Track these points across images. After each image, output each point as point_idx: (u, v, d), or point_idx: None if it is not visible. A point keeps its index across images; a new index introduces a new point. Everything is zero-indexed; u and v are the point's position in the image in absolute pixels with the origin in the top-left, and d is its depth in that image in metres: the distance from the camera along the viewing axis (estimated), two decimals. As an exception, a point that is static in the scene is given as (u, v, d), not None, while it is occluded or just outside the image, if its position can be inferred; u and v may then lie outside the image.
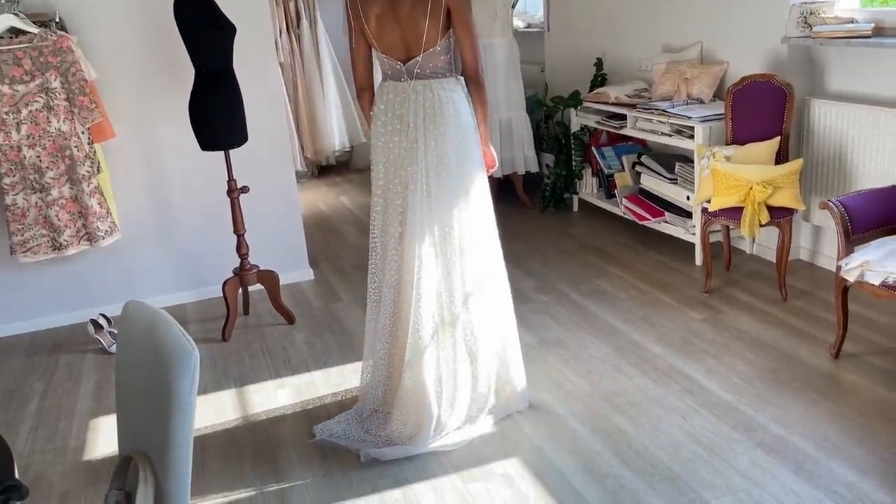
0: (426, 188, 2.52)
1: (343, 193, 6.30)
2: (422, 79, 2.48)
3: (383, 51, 2.49)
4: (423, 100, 2.48)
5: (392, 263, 2.60)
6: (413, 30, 2.41)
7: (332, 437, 2.67)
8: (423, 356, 2.56)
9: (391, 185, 2.58)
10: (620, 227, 4.72)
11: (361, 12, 2.45)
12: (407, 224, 2.54)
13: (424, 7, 2.37)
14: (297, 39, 6.43)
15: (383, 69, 2.56)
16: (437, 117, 2.47)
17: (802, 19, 3.53)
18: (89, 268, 3.87)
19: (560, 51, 5.70)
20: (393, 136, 2.53)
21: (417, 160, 2.49)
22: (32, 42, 3.28)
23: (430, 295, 2.56)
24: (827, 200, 2.88)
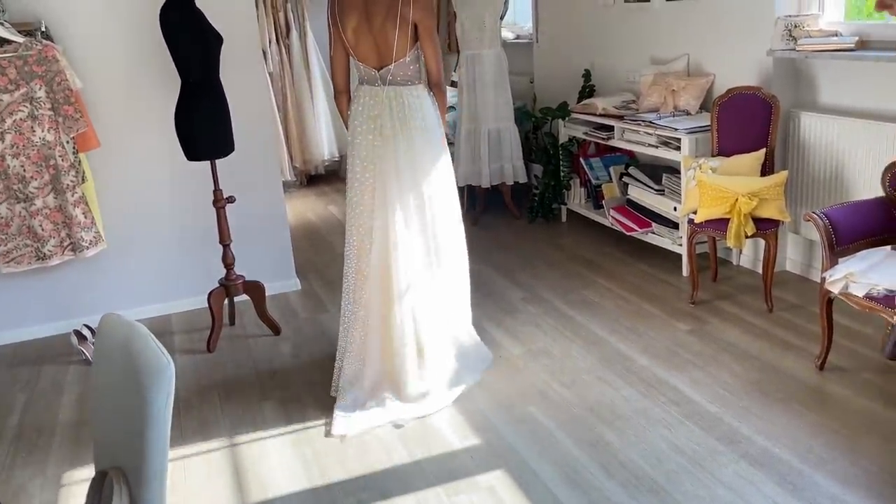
0: (397, 180, 2.82)
1: (331, 203, 6.29)
2: (393, 85, 2.77)
3: (360, 59, 2.78)
4: (395, 104, 2.78)
5: (364, 242, 2.91)
6: (384, 41, 2.69)
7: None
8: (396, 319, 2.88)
9: (364, 177, 2.87)
10: (608, 237, 4.73)
11: (340, 23, 2.72)
12: (378, 209, 2.84)
13: (394, 22, 2.64)
14: (287, 49, 6.43)
15: (360, 75, 2.84)
16: (406, 119, 2.78)
17: (787, 32, 3.56)
18: (73, 278, 3.84)
19: (548, 62, 5.72)
20: (367, 135, 2.82)
21: (389, 157, 2.80)
22: (17, 51, 3.26)
23: (405, 262, 2.86)
24: (811, 213, 2.90)
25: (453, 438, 2.73)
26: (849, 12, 3.66)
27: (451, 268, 3.03)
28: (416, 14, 2.66)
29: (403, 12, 2.63)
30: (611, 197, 4.66)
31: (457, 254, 3.06)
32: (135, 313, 3.94)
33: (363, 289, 2.93)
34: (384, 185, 2.82)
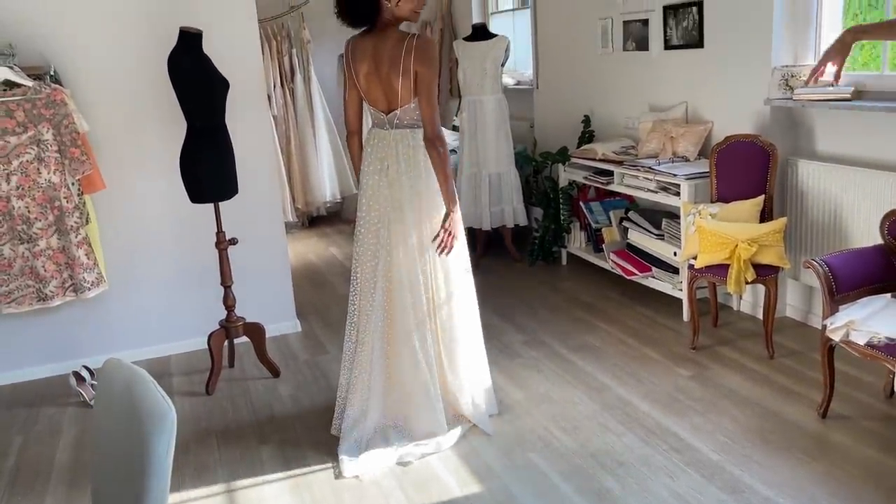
0: (401, 221, 2.87)
1: (333, 244, 6.31)
2: (400, 128, 2.86)
3: (371, 103, 2.90)
4: (401, 146, 2.86)
5: (368, 281, 2.94)
6: (390, 88, 2.79)
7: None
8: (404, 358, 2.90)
9: (370, 217, 2.93)
10: (608, 281, 4.74)
11: (353, 68, 2.86)
12: (382, 248, 2.89)
13: (397, 71, 2.74)
14: (291, 93, 6.52)
15: (372, 118, 2.95)
16: (411, 161, 2.85)
17: (784, 82, 3.62)
18: (73, 319, 3.84)
19: (548, 107, 5.80)
20: (374, 176, 2.90)
21: (394, 197, 2.87)
22: (26, 95, 3.31)
23: (409, 302, 2.88)
24: (811, 260, 2.91)
25: (453, 485, 2.70)
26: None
27: (459, 309, 3.02)
28: (417, 65, 2.73)
29: (405, 62, 2.72)
30: (611, 241, 4.69)
31: (465, 297, 3.03)
32: (134, 354, 3.93)
33: (366, 329, 2.94)
34: (389, 226, 2.88)
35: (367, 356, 2.94)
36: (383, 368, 2.94)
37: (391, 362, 2.94)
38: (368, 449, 2.88)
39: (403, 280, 2.88)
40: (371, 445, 2.89)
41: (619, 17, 4.79)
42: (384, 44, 2.76)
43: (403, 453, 2.88)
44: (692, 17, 4.16)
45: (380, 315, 2.91)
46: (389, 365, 2.94)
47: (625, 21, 4.73)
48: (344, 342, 3.06)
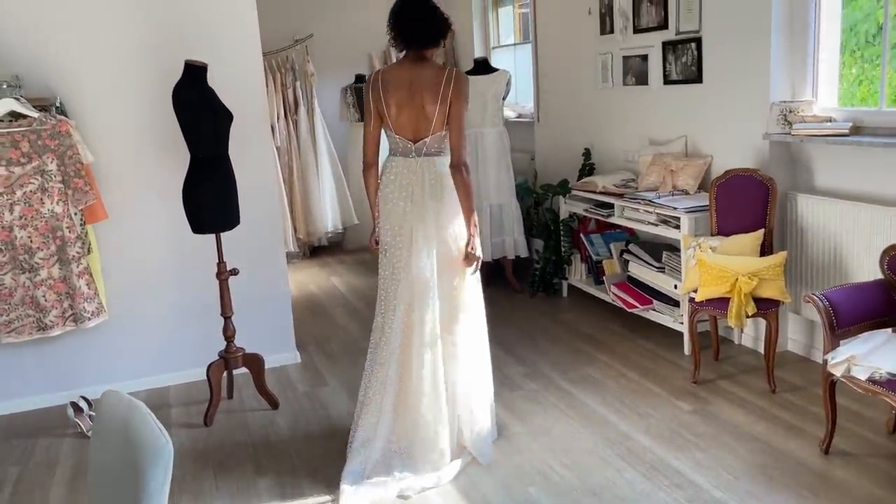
0: (426, 244, 2.95)
1: (334, 275, 6.32)
2: (427, 156, 2.95)
3: (397, 132, 2.95)
4: (427, 173, 2.95)
5: (391, 303, 3.00)
6: (425, 117, 2.90)
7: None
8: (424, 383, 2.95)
9: (396, 241, 2.99)
10: (609, 313, 4.73)
11: (383, 99, 2.92)
12: (403, 270, 2.95)
13: (435, 100, 2.87)
14: (294, 124, 6.59)
15: (393, 147, 3.01)
16: (437, 187, 2.95)
17: (783, 117, 3.65)
18: (73, 348, 3.83)
19: (549, 140, 5.85)
20: (398, 202, 2.97)
21: (419, 221, 2.95)
22: (32, 126, 3.35)
23: (428, 323, 2.94)
24: (811, 294, 2.91)
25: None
26: (842, 98, 3.76)
27: (473, 338, 3.09)
28: (454, 96, 2.87)
29: (444, 92, 2.86)
30: (611, 273, 4.69)
31: (478, 325, 3.13)
32: (133, 385, 3.92)
33: (385, 349, 3.00)
34: (413, 248, 2.95)
35: (381, 377, 2.99)
36: (396, 391, 2.98)
37: (403, 385, 2.98)
38: (371, 477, 2.88)
39: (427, 302, 2.95)
40: (374, 473, 2.89)
41: (618, 53, 4.84)
42: (423, 73, 2.89)
43: (404, 487, 2.86)
44: (691, 53, 4.21)
45: (398, 336, 2.96)
46: (402, 387, 2.98)
47: (624, 56, 4.78)
48: (366, 360, 3.13)
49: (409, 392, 2.97)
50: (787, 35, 3.70)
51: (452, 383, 3.04)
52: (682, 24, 4.24)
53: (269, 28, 4.85)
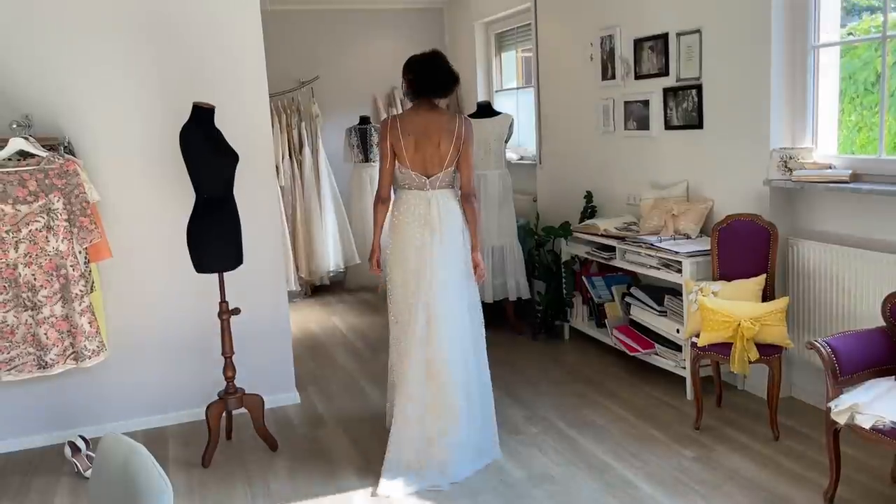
0: (443, 266, 3.31)
1: (335, 314, 6.31)
2: (440, 188, 3.36)
3: (413, 168, 3.32)
4: (440, 204, 3.34)
5: (405, 316, 3.35)
6: (440, 155, 3.32)
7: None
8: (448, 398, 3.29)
9: (410, 264, 3.33)
10: (611, 356, 4.71)
11: (401, 139, 3.30)
12: (424, 288, 3.28)
13: (450, 141, 3.31)
14: (299, 164, 6.65)
15: (408, 182, 3.36)
16: (447, 216, 3.35)
17: (783, 163, 3.69)
18: (72, 387, 3.81)
19: (551, 182, 5.90)
20: (416, 230, 3.33)
21: (436, 245, 3.31)
22: (40, 164, 3.38)
23: (445, 335, 3.30)
24: (814, 341, 2.90)
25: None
26: (842, 145, 3.80)
27: (478, 349, 3.48)
28: (466, 137, 3.33)
29: (458, 134, 3.32)
30: (613, 316, 4.68)
31: (480, 339, 3.50)
32: (131, 424, 3.90)
33: (403, 361, 3.33)
34: (430, 268, 3.29)
35: (407, 389, 3.29)
36: (422, 399, 3.28)
37: (432, 389, 3.29)
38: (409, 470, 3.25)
39: (447, 314, 3.30)
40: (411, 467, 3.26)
41: (620, 98, 4.91)
42: (438, 118, 3.35)
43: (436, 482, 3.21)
44: (692, 99, 4.27)
45: (420, 348, 3.28)
46: (432, 391, 3.29)
47: (626, 101, 4.85)
48: (389, 365, 3.56)
49: (439, 396, 3.28)
50: (786, 83, 3.76)
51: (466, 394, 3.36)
52: (683, 71, 4.31)
53: (276, 70, 4.93)
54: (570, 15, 5.44)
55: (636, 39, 4.68)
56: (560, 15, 5.59)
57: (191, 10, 3.85)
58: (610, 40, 4.95)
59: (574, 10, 5.37)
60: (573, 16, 5.38)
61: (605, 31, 4.98)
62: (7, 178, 3.33)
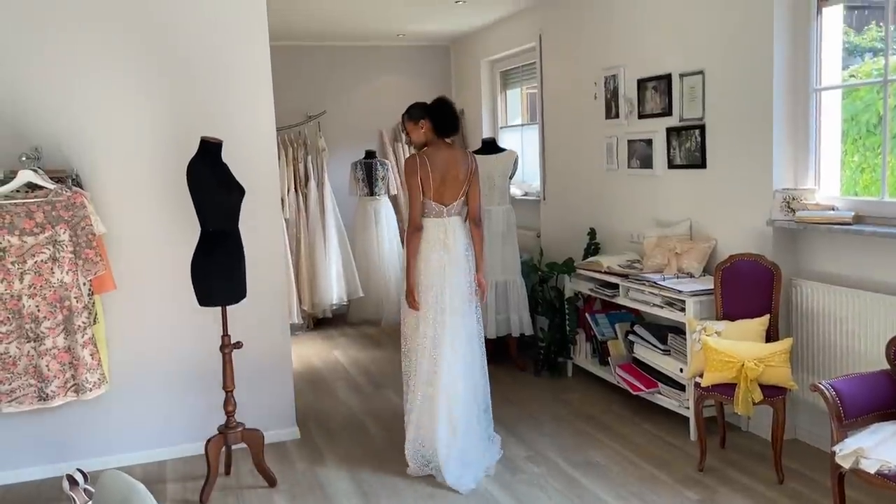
0: (458, 284, 3.79)
1: (337, 347, 6.29)
2: (455, 216, 3.82)
3: (437, 199, 3.76)
4: (456, 227, 3.82)
5: (426, 336, 3.76)
6: (458, 187, 3.79)
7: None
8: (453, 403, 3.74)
9: (434, 281, 3.74)
10: (615, 394, 4.68)
11: (430, 174, 3.72)
12: (448, 305, 3.75)
13: (466, 174, 3.81)
14: (304, 197, 6.69)
15: (428, 210, 3.77)
16: (458, 240, 3.81)
17: (786, 204, 3.70)
18: (72, 419, 3.80)
19: (555, 219, 5.92)
20: (439, 252, 3.77)
21: (453, 265, 3.79)
22: (47, 197, 3.41)
23: (455, 349, 3.76)
24: (818, 384, 2.88)
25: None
26: (845, 185, 3.82)
27: (481, 362, 3.92)
28: (475, 170, 3.86)
29: (471, 168, 3.83)
30: (617, 354, 4.66)
31: (481, 347, 3.93)
32: (130, 458, 3.87)
33: (417, 371, 3.75)
34: (450, 286, 3.75)
35: (421, 398, 3.72)
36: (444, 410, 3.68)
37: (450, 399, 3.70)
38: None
39: (458, 328, 3.76)
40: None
41: (623, 136, 4.95)
42: (455, 154, 3.85)
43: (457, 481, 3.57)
44: (695, 139, 4.30)
45: (439, 359, 3.71)
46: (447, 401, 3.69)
47: (629, 140, 4.89)
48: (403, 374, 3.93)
49: (435, 413, 3.67)
50: (789, 124, 3.79)
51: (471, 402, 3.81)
52: (686, 111, 4.35)
53: (284, 104, 4.98)
54: (574, 54, 5.51)
55: (639, 79, 4.73)
56: (564, 54, 5.66)
57: (201, 44, 3.91)
58: (613, 80, 5.00)
59: (578, 49, 5.44)
60: (577, 55, 5.46)
61: (609, 70, 5.04)
62: (15, 209, 3.36)
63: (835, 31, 3.73)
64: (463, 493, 3.47)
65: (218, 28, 3.93)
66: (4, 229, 3.34)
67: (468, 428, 3.74)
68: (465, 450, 3.69)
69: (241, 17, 3.97)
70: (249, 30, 3.99)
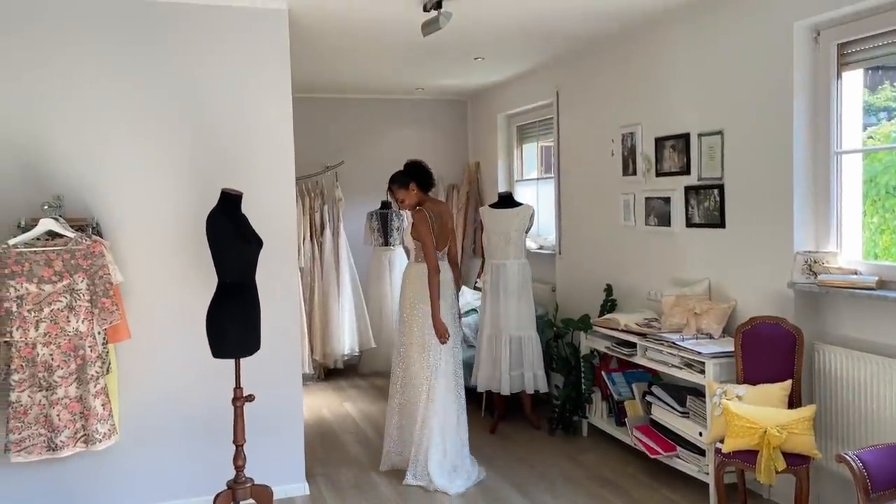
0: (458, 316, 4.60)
1: (348, 399, 6.22)
2: (444, 260, 4.49)
3: (438, 247, 4.41)
4: (447, 271, 4.50)
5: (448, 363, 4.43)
6: (448, 235, 4.53)
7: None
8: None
9: (446, 317, 4.37)
10: (631, 456, 4.57)
11: (433, 226, 4.39)
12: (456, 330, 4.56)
13: (453, 225, 4.57)
14: (319, 246, 6.70)
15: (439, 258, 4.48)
16: (453, 279, 4.56)
17: (807, 267, 3.66)
18: (79, 470, 3.74)
19: (571, 273, 5.88)
20: (447, 291, 4.46)
21: (453, 301, 4.54)
22: (67, 245, 3.42)
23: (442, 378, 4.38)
24: (844, 454, 2.80)
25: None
26: (865, 246, 3.77)
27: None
28: (454, 215, 4.42)
29: (451, 214, 4.53)
30: (634, 415, 4.57)
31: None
32: (136, 511, 3.80)
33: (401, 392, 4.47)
34: (451, 317, 4.47)
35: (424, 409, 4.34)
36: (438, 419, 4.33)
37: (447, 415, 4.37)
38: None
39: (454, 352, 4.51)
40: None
41: (641, 193, 4.95)
42: (445, 208, 4.69)
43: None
44: (713, 199, 4.29)
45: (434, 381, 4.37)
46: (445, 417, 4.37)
47: (647, 197, 4.88)
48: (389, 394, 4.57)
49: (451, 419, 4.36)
50: (809, 186, 3.77)
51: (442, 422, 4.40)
52: (705, 170, 4.34)
53: (302, 154, 5.01)
54: (591, 111, 5.55)
55: (657, 138, 4.75)
56: (581, 110, 5.71)
57: (225, 98, 3.97)
58: (631, 137, 5.02)
59: (595, 106, 5.48)
60: (594, 112, 5.49)
61: (627, 128, 5.06)
62: (34, 257, 3.37)
63: (855, 94, 3.73)
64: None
65: (242, 83, 3.99)
66: (23, 277, 3.34)
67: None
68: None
69: (265, 73, 4.03)
70: (273, 85, 4.05)
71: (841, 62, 3.68)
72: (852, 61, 3.65)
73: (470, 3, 4.08)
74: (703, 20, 4.35)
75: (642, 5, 4.40)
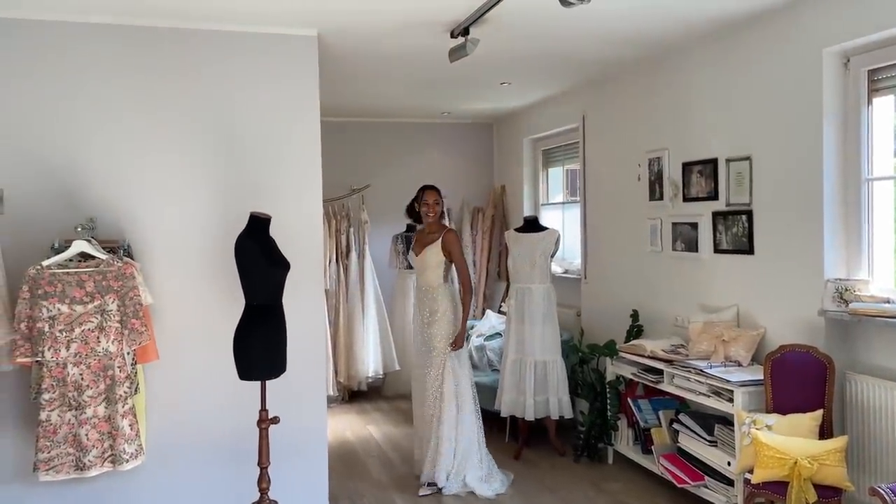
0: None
1: (371, 422, 6.21)
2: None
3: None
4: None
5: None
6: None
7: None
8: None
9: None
10: (658, 485, 4.50)
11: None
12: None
13: None
14: (345, 269, 6.74)
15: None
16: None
17: (838, 294, 3.60)
18: (106, 490, 3.76)
19: (596, 298, 5.85)
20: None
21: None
22: (99, 266, 3.48)
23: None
24: (877, 487, 2.74)
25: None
26: (897, 277, 3.71)
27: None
28: None
29: None
30: (660, 443, 4.50)
31: None
32: (160, 532, 3.81)
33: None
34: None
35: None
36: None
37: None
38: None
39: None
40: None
41: (667, 219, 4.92)
42: None
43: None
44: (742, 224, 4.25)
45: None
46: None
47: (674, 222, 4.85)
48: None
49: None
50: (839, 213, 3.73)
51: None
52: (733, 196, 4.31)
53: (329, 177, 5.06)
54: (617, 135, 5.55)
55: (685, 163, 4.73)
56: (607, 135, 5.71)
57: (256, 125, 4.03)
58: (658, 162, 5.01)
59: (622, 131, 5.48)
60: (621, 136, 5.49)
61: (653, 153, 5.05)
62: (67, 278, 3.43)
63: (886, 120, 3.70)
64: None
65: (272, 107, 4.06)
66: (55, 297, 3.40)
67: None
68: None
69: (295, 98, 4.09)
70: (302, 109, 4.11)
71: (871, 88, 3.65)
72: (883, 87, 3.62)
73: (496, 29, 4.12)
74: (729, 46, 4.34)
75: (664, 32, 4.40)
